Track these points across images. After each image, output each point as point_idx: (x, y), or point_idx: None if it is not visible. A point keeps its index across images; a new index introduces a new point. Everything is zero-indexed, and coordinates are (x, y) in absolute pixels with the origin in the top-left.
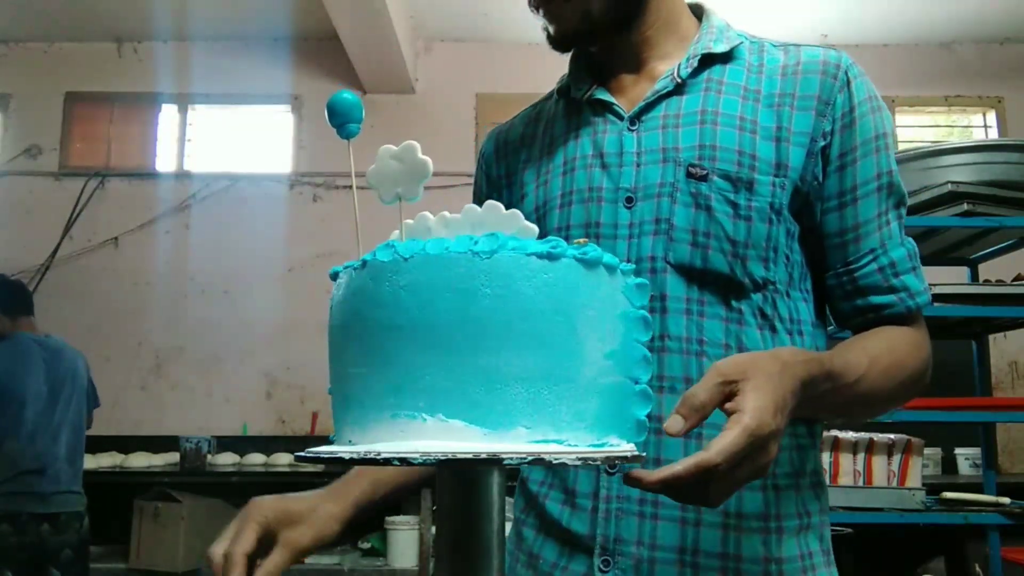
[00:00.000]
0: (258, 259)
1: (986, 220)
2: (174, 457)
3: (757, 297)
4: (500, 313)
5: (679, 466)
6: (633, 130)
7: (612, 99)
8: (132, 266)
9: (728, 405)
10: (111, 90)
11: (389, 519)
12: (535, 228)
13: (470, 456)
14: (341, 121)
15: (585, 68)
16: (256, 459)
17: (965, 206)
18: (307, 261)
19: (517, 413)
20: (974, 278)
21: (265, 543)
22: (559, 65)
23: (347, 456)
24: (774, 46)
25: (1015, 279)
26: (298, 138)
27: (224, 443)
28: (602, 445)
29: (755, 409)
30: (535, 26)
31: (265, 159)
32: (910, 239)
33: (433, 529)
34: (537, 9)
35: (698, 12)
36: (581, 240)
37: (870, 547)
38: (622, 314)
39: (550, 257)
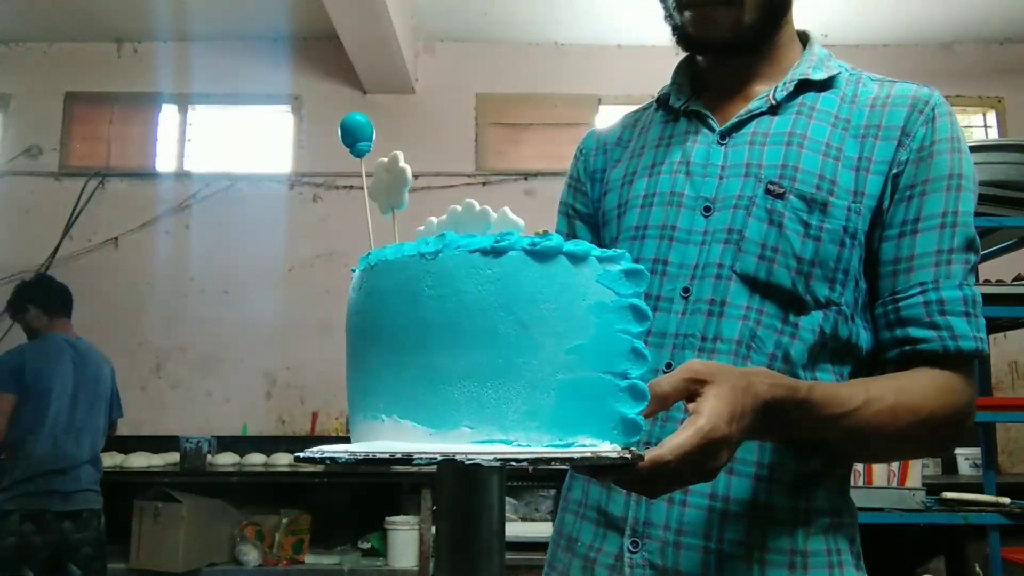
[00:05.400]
0: (258, 259)
1: (986, 220)
2: (174, 457)
3: (818, 315)
4: (442, 312)
5: None
6: (722, 144)
7: (708, 112)
8: (132, 266)
9: (690, 405)
10: (111, 90)
11: (389, 519)
12: (519, 221)
13: (385, 456)
14: (353, 141)
15: (688, 80)
16: (256, 459)
17: None
18: (307, 261)
19: (460, 412)
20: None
21: None
22: (558, 66)
23: (318, 456)
24: (871, 79)
25: (1015, 279)
26: (298, 138)
27: (224, 443)
28: (567, 445)
29: (711, 413)
30: (535, 26)
31: (265, 159)
32: (974, 288)
33: (433, 529)
34: (683, 9)
35: (804, 39)
36: (541, 230)
37: (870, 547)
38: (596, 305)
39: (494, 252)
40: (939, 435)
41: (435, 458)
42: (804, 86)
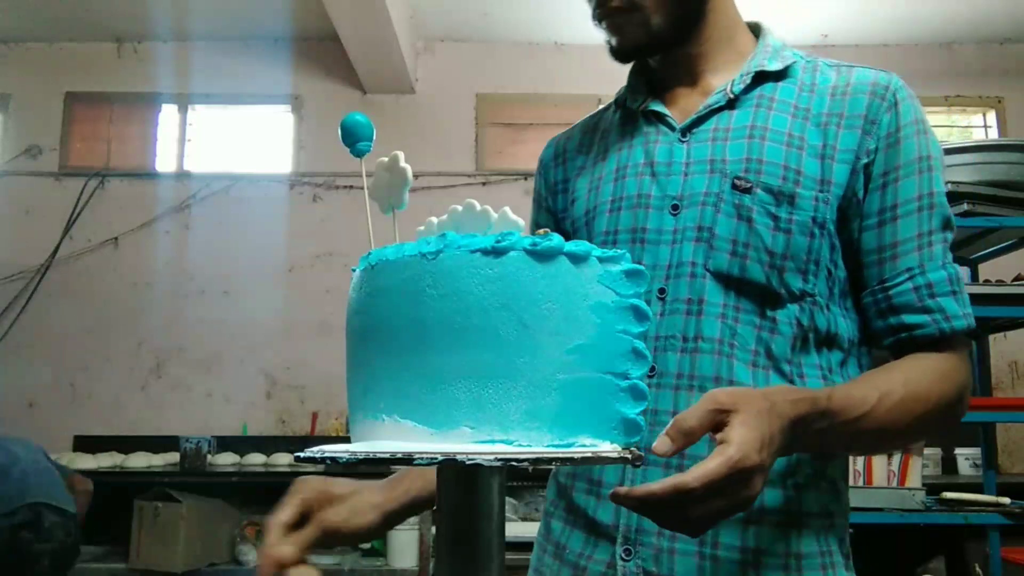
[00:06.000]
0: (258, 259)
1: (986, 220)
2: (174, 457)
3: (794, 308)
4: (442, 312)
5: (656, 485)
6: (684, 141)
7: (666, 111)
8: (132, 266)
9: (717, 436)
10: (111, 90)
11: None
12: (519, 221)
13: (387, 456)
14: (353, 141)
15: (642, 80)
16: (256, 459)
17: (965, 206)
18: (307, 261)
19: (460, 412)
20: (974, 278)
21: (305, 519)
22: (558, 66)
23: (319, 456)
24: (828, 66)
25: (1015, 279)
26: (298, 138)
27: (224, 443)
28: (567, 445)
29: (741, 442)
30: (535, 26)
31: (265, 159)
32: (955, 265)
33: (433, 529)
34: (600, 22)
35: (756, 30)
36: (542, 231)
37: (870, 547)
38: (597, 305)
39: (495, 252)
40: (947, 417)
41: (436, 458)
42: (761, 77)
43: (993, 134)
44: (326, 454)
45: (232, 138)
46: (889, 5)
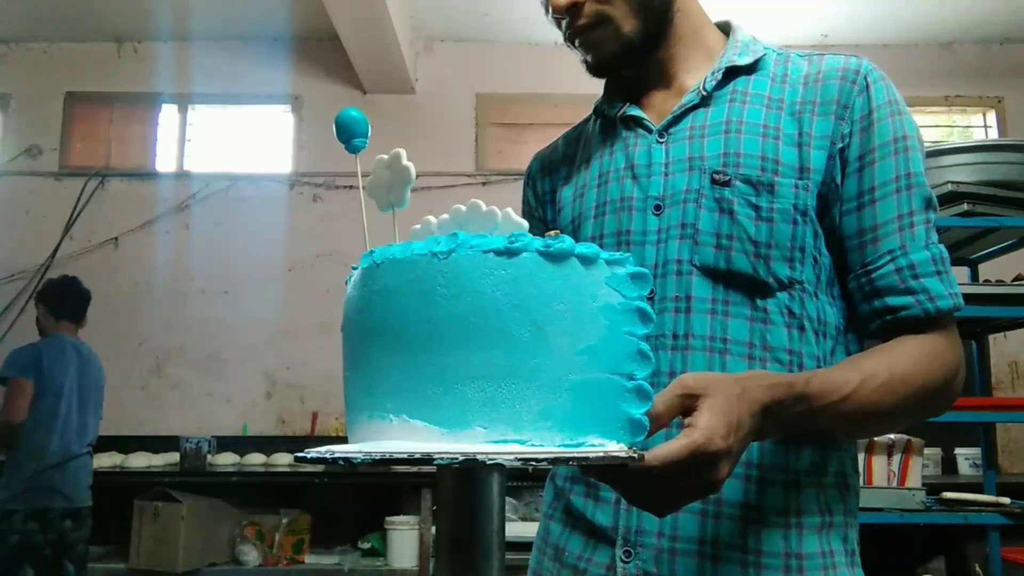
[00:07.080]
0: (258, 259)
1: (986, 220)
2: (174, 457)
3: (783, 296)
4: (455, 312)
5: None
6: (662, 142)
7: (642, 114)
8: (132, 266)
9: (686, 420)
10: (111, 90)
11: (389, 519)
12: (524, 223)
13: (404, 456)
14: (348, 136)
15: (618, 87)
16: (256, 459)
17: (965, 206)
18: (307, 261)
19: (473, 412)
20: (974, 278)
21: None
22: (558, 66)
23: (329, 457)
24: (800, 56)
25: (1015, 279)
26: (298, 138)
27: (224, 443)
28: (577, 445)
29: (706, 427)
30: (535, 26)
31: (265, 159)
32: (939, 245)
33: (433, 529)
34: (573, 42)
35: (726, 29)
36: (552, 232)
37: (870, 547)
38: (605, 307)
39: (508, 253)
40: (936, 399)
41: (456, 458)
42: (733, 72)
43: (993, 134)
44: (336, 454)
45: (232, 138)
46: (889, 5)
